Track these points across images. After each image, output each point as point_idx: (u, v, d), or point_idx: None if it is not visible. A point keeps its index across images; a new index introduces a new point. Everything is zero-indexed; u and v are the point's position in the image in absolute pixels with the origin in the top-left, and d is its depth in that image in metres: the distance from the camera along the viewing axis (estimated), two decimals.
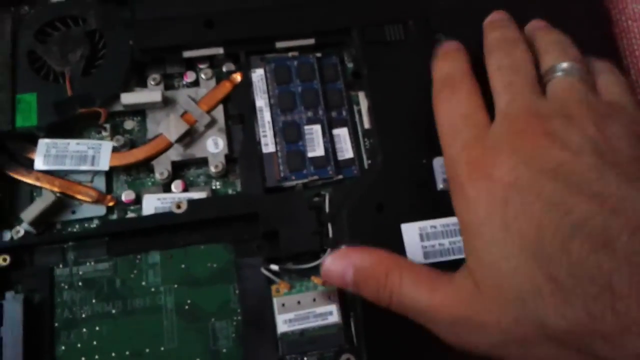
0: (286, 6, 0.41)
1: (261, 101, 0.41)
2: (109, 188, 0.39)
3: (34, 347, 0.34)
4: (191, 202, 0.37)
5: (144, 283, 0.36)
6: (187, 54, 0.41)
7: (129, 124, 0.40)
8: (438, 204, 0.38)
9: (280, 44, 0.41)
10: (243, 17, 0.41)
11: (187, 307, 0.35)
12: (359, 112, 0.42)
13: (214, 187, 0.39)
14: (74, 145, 0.39)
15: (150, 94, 0.40)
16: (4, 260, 0.35)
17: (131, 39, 0.40)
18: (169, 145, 0.39)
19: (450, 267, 0.36)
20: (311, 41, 0.42)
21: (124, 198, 0.38)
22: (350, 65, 0.43)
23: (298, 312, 0.35)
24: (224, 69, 0.42)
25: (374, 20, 0.41)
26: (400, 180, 0.38)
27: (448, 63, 0.36)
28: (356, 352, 0.35)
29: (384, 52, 0.41)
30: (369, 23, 0.41)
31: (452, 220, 0.37)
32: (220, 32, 0.41)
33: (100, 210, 0.38)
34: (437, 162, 0.38)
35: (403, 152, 0.39)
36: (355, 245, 0.34)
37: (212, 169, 0.39)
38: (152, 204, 0.38)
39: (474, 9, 0.39)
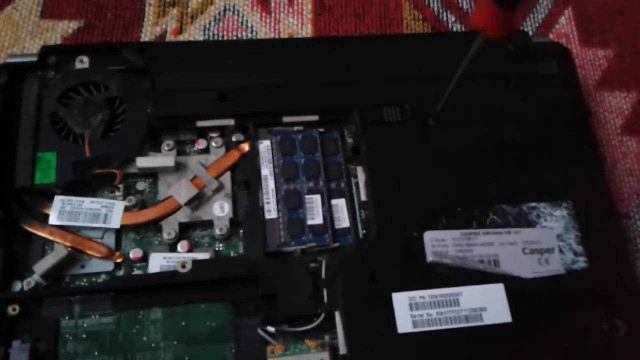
0: (294, 85, 0.45)
1: (266, 170, 0.43)
2: (118, 245, 0.41)
3: None
4: (195, 263, 0.39)
5: (145, 338, 0.37)
6: (200, 123, 0.44)
7: (141, 185, 0.43)
8: (427, 276, 0.40)
9: (286, 119, 0.45)
10: (254, 93, 0.45)
11: None
12: (357, 184, 0.44)
13: (217, 249, 0.42)
14: (88, 203, 0.41)
15: (163, 159, 0.43)
16: (14, 309, 0.37)
17: (149, 107, 0.44)
18: (178, 207, 0.41)
19: (438, 337, 0.38)
20: (315, 117, 0.45)
21: (131, 255, 0.40)
22: (350, 141, 0.46)
23: None
24: (233, 139, 0.45)
25: (373, 102, 0.45)
26: (393, 251, 0.41)
27: None
28: None
29: (382, 131, 0.44)
30: (369, 104, 0.45)
31: (440, 291, 0.39)
32: (232, 105, 0.44)
33: (109, 265, 0.40)
34: (428, 236, 0.41)
35: (396, 225, 0.41)
36: None
37: (217, 232, 0.41)
38: (158, 262, 0.40)
39: (462, 96, 0.43)
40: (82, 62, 0.46)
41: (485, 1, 0.34)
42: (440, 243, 0.41)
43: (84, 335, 0.37)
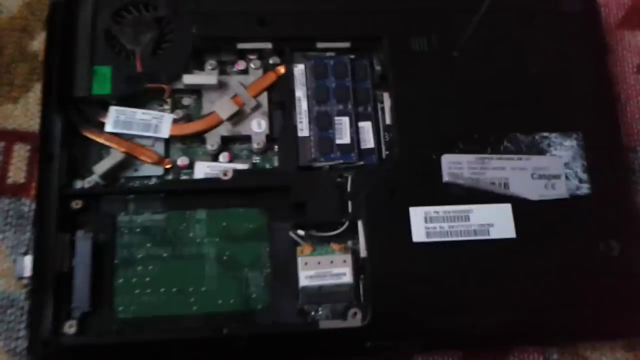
0: (328, 12, 0.48)
1: (300, 92, 0.47)
2: (167, 153, 0.46)
3: (98, 277, 0.41)
4: (236, 172, 0.44)
5: (191, 234, 0.43)
6: (241, 45, 0.47)
7: (187, 101, 0.47)
8: (442, 194, 0.44)
9: (320, 45, 0.48)
10: (290, 19, 0.48)
11: (225, 257, 0.42)
12: (382, 109, 0.48)
13: (254, 161, 0.46)
14: (140, 114, 0.45)
15: (207, 77, 0.46)
16: (77, 204, 0.42)
17: (194, 28, 0.47)
18: (220, 122, 0.46)
19: (448, 247, 0.43)
20: (347, 44, 0.48)
21: (179, 163, 0.45)
22: (378, 68, 0.49)
23: (317, 271, 0.42)
24: (271, 62, 0.48)
25: (402, 31, 0.48)
26: (412, 171, 0.45)
27: None
28: (362, 308, 0.42)
29: (409, 59, 0.47)
30: (398, 34, 0.48)
31: (453, 208, 0.44)
32: (270, 29, 0.47)
33: (159, 170, 0.45)
34: (445, 159, 0.45)
35: (416, 147, 0.45)
36: None
37: (255, 146, 0.46)
38: (203, 170, 0.45)
39: (487, 29, 0.45)
40: None
41: None
42: (456, 165, 0.45)
43: (138, 230, 0.42)
